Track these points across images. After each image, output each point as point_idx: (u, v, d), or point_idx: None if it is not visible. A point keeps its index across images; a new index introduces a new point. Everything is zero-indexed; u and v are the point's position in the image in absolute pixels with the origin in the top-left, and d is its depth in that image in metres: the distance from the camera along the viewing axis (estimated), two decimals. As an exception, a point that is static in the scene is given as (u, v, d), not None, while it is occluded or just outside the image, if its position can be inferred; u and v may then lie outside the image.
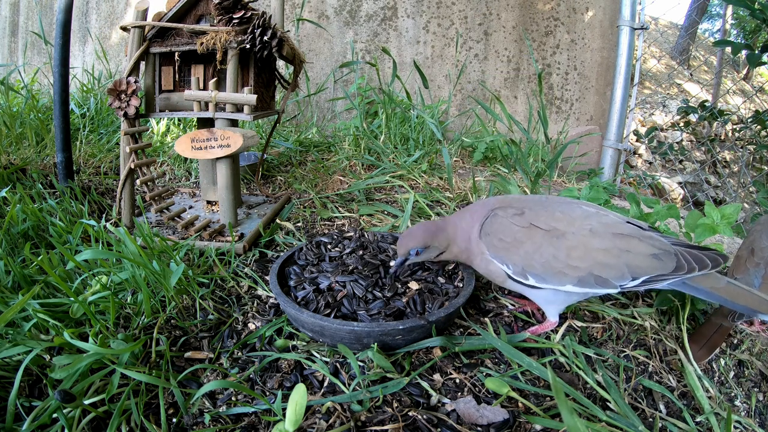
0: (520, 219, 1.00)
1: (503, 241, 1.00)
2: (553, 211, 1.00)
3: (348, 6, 3.15)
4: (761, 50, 2.65)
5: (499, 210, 1.04)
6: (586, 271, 0.95)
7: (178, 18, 1.43)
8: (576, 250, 0.95)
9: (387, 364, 0.92)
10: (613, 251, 0.94)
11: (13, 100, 2.50)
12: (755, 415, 1.04)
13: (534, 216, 1.00)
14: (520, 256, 0.98)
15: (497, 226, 1.02)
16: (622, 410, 0.89)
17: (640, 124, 6.57)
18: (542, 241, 0.97)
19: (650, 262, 0.94)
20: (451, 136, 3.01)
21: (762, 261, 1.18)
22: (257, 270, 1.32)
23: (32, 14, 4.00)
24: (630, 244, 0.95)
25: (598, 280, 0.95)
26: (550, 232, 0.97)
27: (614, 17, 3.07)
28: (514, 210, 1.02)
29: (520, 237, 0.99)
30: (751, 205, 4.31)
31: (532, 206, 1.03)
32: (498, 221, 1.02)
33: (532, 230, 0.98)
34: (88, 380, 0.83)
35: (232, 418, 0.84)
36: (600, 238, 0.95)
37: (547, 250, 0.96)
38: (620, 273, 0.94)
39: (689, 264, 0.94)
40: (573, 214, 0.99)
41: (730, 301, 0.96)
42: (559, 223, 0.98)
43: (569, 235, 0.96)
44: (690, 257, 0.95)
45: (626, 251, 0.94)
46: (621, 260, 0.94)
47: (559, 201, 1.06)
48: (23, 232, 1.31)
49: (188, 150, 1.41)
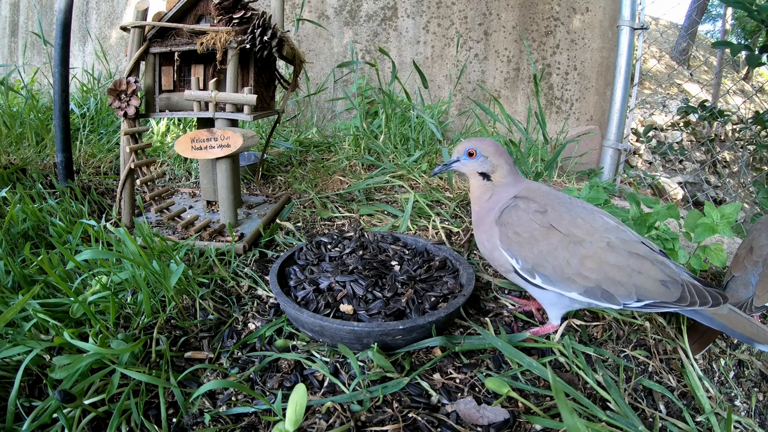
0: (541, 217, 0.99)
1: (519, 236, 0.99)
2: (575, 216, 0.99)
3: (348, 6, 3.15)
4: (760, 51, 2.65)
5: (521, 201, 1.03)
6: (595, 283, 0.95)
7: (178, 18, 1.43)
8: (590, 261, 0.95)
9: (387, 364, 0.92)
10: (626, 270, 0.94)
11: (13, 100, 2.50)
12: (755, 415, 1.04)
13: (556, 217, 0.99)
14: (533, 254, 0.98)
15: (516, 218, 1.01)
16: (622, 410, 0.89)
17: (640, 124, 6.57)
18: (558, 245, 0.96)
19: (658, 288, 0.94)
20: (451, 136, 3.00)
21: (760, 259, 1.19)
22: (257, 270, 1.31)
23: (32, 14, 4.00)
24: (643, 266, 0.95)
25: (604, 294, 0.95)
26: (569, 237, 0.97)
27: (614, 17, 3.07)
28: (536, 205, 1.01)
29: (537, 235, 0.98)
30: (751, 205, 4.31)
31: (555, 205, 1.01)
32: (518, 214, 1.01)
33: (551, 231, 0.98)
34: (88, 380, 0.83)
35: (232, 418, 0.84)
36: (616, 254, 0.95)
37: (562, 255, 0.96)
38: (627, 292, 0.94)
39: (692, 297, 0.94)
40: (594, 224, 0.98)
41: (729, 329, 0.96)
42: (578, 230, 0.97)
43: (587, 244, 0.96)
44: (694, 290, 0.95)
45: (638, 272, 0.94)
46: (631, 280, 0.94)
47: (583, 206, 1.04)
48: (23, 232, 1.31)
49: (188, 150, 1.41)
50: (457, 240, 1.54)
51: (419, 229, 1.59)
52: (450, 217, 1.67)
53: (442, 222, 1.62)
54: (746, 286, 1.17)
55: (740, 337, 0.97)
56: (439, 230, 1.55)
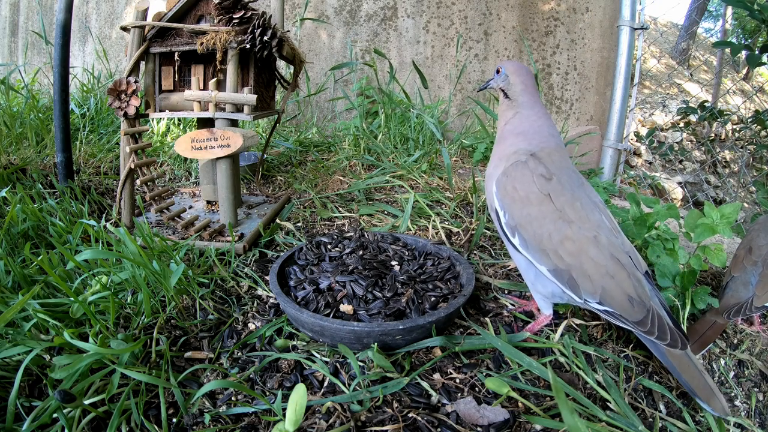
0: (543, 183, 0.99)
1: (516, 191, 1.00)
2: (576, 198, 0.99)
3: (348, 6, 3.15)
4: (761, 51, 2.65)
5: (532, 160, 1.02)
6: (566, 267, 0.95)
7: (178, 18, 1.43)
8: (571, 244, 0.95)
9: (387, 364, 0.92)
10: (601, 269, 0.93)
11: (14, 100, 2.50)
12: (755, 415, 1.04)
13: (558, 189, 0.99)
14: (522, 214, 0.98)
15: (519, 174, 1.01)
16: (622, 410, 0.89)
17: (640, 124, 6.57)
18: (548, 215, 0.97)
19: (622, 301, 0.93)
20: (451, 136, 3.00)
21: (759, 259, 1.19)
22: (257, 270, 1.32)
23: (32, 14, 3.99)
24: (618, 274, 0.93)
25: (570, 281, 0.95)
26: (560, 213, 0.97)
27: (614, 17, 3.07)
28: (544, 170, 1.01)
29: (532, 198, 0.98)
30: (751, 205, 4.31)
31: (562, 179, 1.01)
32: (522, 171, 1.01)
33: (546, 200, 0.98)
34: (88, 380, 0.83)
35: (232, 418, 0.84)
36: (598, 250, 0.94)
37: (547, 227, 0.96)
38: (593, 290, 0.93)
39: (652, 326, 0.91)
40: (590, 216, 0.98)
41: (677, 371, 0.92)
42: (572, 212, 0.97)
43: (575, 227, 0.95)
44: (658, 321, 0.92)
45: (611, 276, 0.93)
46: (601, 281, 0.93)
47: (589, 196, 1.03)
48: (23, 232, 1.31)
49: (188, 150, 1.41)
50: (457, 240, 1.54)
51: (419, 229, 1.59)
52: (450, 217, 1.67)
53: (442, 222, 1.62)
54: (746, 286, 1.17)
55: (684, 384, 0.92)
56: (439, 230, 1.55)
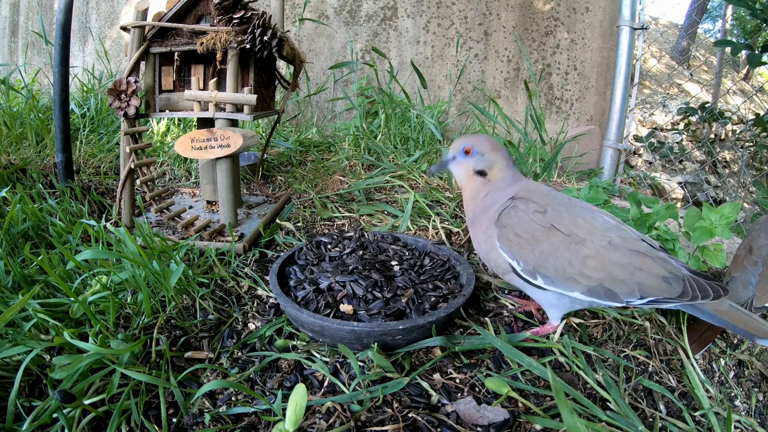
0: (541, 217, 0.98)
1: (519, 237, 0.98)
2: (576, 216, 0.99)
3: (348, 6, 3.15)
4: (761, 50, 2.65)
5: (520, 202, 1.01)
6: (597, 282, 0.94)
7: (178, 18, 1.43)
8: (592, 260, 0.94)
9: (387, 364, 0.92)
10: (628, 267, 0.94)
11: (14, 100, 2.50)
12: (755, 415, 1.04)
13: (556, 217, 0.98)
14: (535, 255, 0.97)
15: (516, 219, 1.00)
16: (622, 410, 0.89)
17: (640, 124, 6.56)
18: (560, 245, 0.96)
19: (660, 284, 0.94)
20: (451, 136, 3.00)
21: (759, 259, 1.19)
22: (257, 270, 1.32)
23: (32, 14, 4.00)
24: (645, 263, 0.95)
25: (607, 293, 0.95)
26: (570, 237, 0.96)
27: (614, 17, 3.07)
28: (535, 206, 1.00)
29: (538, 236, 0.97)
30: (752, 205, 4.31)
31: (555, 205, 1.01)
32: (517, 215, 1.00)
33: (552, 231, 0.97)
34: (88, 380, 0.83)
35: (232, 418, 0.84)
36: (618, 253, 0.95)
37: (563, 255, 0.95)
38: (630, 290, 0.94)
39: (694, 291, 0.94)
40: (594, 223, 0.98)
41: (731, 324, 0.97)
42: (579, 230, 0.97)
43: (588, 243, 0.95)
44: (696, 285, 0.95)
45: (640, 269, 0.94)
46: (634, 278, 0.94)
47: (582, 206, 1.04)
48: (23, 232, 1.31)
49: (188, 150, 1.41)
50: (457, 240, 1.54)
51: (419, 229, 1.59)
52: (450, 217, 1.67)
53: (442, 222, 1.62)
54: (746, 286, 1.17)
55: (741, 332, 0.97)
56: (439, 230, 1.55)
